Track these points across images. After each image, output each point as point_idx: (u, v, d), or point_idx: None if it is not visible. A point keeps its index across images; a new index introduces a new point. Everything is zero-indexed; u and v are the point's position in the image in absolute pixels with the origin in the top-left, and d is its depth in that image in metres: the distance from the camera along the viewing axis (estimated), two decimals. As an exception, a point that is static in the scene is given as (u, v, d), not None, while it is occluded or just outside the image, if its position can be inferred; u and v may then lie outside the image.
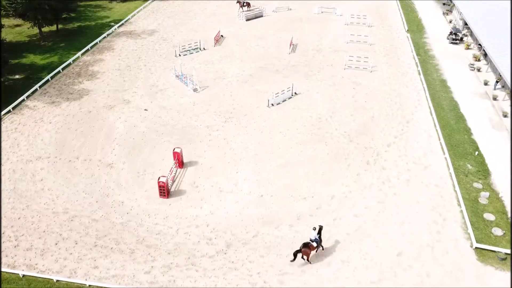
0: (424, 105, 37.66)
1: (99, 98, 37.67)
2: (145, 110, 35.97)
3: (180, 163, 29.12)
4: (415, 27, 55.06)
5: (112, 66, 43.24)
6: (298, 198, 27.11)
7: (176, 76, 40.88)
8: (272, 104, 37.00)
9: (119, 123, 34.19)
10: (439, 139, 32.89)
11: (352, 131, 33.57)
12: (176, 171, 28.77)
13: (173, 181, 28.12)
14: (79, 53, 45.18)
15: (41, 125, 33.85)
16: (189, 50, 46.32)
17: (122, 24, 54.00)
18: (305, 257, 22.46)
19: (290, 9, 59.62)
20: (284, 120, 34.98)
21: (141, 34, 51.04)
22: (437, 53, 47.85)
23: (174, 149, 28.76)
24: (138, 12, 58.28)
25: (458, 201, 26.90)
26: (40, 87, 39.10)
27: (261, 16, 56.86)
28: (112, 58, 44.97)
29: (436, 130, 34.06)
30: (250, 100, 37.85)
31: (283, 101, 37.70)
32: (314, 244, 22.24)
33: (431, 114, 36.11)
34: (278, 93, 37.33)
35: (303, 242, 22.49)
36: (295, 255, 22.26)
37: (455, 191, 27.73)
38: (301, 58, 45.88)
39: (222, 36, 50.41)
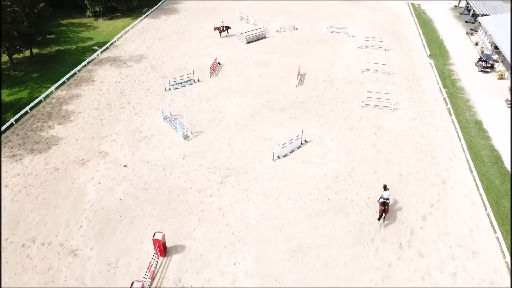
0: (460, 156, 31.33)
1: (70, 149, 31.37)
2: (125, 166, 29.67)
3: (162, 251, 22.82)
4: (437, 51, 48.72)
5: (90, 104, 36.93)
6: (314, 305, 20.84)
7: (164, 118, 34.58)
8: (278, 157, 30.71)
9: (91, 186, 27.86)
10: (486, 209, 26.58)
11: (378, 196, 27.22)
12: (156, 264, 22.45)
13: (152, 279, 21.81)
14: (53, 87, 38.88)
15: (-4, 189, 27.67)
16: (181, 83, 39.99)
17: (107, 48, 47.71)
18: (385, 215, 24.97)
19: (296, 29, 53.31)
20: (293, 180, 28.67)
21: (127, 61, 44.72)
22: (466, 85, 41.53)
23: (154, 235, 22.43)
24: (125, 32, 51.96)
25: (524, 310, 20.63)
26: (1, 133, 32.86)
27: (264, 37, 50.54)
28: (91, 93, 38.65)
29: (480, 194, 27.74)
30: (251, 150, 31.55)
31: (291, 152, 31.42)
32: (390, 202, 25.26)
33: (471, 171, 29.79)
34: (285, 143, 31.03)
35: (382, 202, 24.66)
36: (381, 215, 24.86)
37: (518, 293, 21.47)
38: (310, 92, 39.56)
39: (219, 63, 44.10)
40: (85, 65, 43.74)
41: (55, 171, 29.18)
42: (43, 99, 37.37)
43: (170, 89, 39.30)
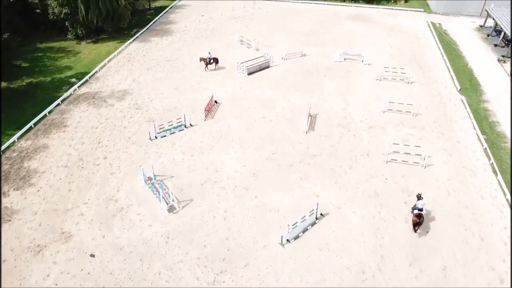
0: (516, 238, 24.84)
1: (25, 228, 24.92)
2: (92, 256, 23.23)
3: None
4: (467, 83, 42.22)
5: (58, 160, 30.51)
6: None
7: (146, 181, 28.15)
8: (288, 240, 24.24)
9: (44, 290, 21.47)
10: None
11: (419, 307, 20.75)
12: None
13: None
14: (16, 136, 32.48)
15: None
16: (169, 129, 33.59)
17: (86, 80, 41.33)
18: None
19: (303, 55, 46.87)
20: (307, 278, 22.19)
21: (108, 99, 38.31)
22: (507, 130, 35.03)
23: None
24: (109, 60, 45.56)
25: None
26: None
27: (268, 67, 44.11)
28: (60, 144, 32.24)
29: (552, 300, 21.25)
30: (253, 228, 25.11)
31: (304, 231, 24.95)
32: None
33: (534, 262, 23.29)
34: (296, 223, 24.54)
35: (417, 214, 24.18)
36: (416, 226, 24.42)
37: None
38: (323, 140, 33.10)
39: (216, 102, 37.67)
40: (58, 104, 37.34)
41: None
42: (1, 153, 30.97)
43: (156, 137, 32.90)
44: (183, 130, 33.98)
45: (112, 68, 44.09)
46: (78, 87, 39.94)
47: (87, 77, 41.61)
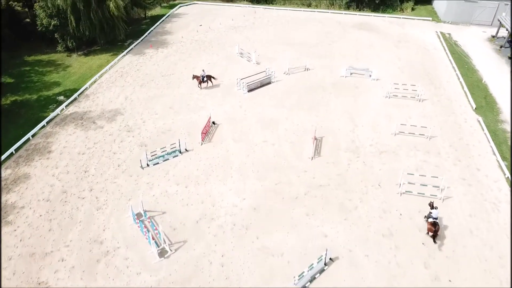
0: (551, 288, 22.05)
1: (-3, 277, 22.21)
2: (70, 313, 20.48)
3: None
4: (482, 100, 39.47)
5: (39, 192, 27.73)
6: None
7: (135, 219, 25.38)
8: (294, 292, 21.49)
9: None
10: None
11: None
12: None
13: None
14: (-6, 165, 29.80)
15: None
16: (162, 156, 30.83)
17: (75, 98, 38.60)
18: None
19: (307, 69, 44.13)
20: None
21: (98, 120, 35.55)
22: (530, 154, 32.31)
23: None
24: (101, 75, 42.82)
25: None
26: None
27: (269, 83, 41.36)
28: (43, 173, 29.46)
29: None
30: (254, 277, 22.34)
31: (311, 280, 22.17)
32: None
33: None
34: (303, 272, 21.76)
35: (432, 222, 23.93)
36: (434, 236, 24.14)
37: None
38: (330, 168, 30.33)
39: (213, 123, 34.92)
40: (43, 126, 34.60)
41: (-34, 323, 20.01)
42: (-23, 184, 28.27)
43: (148, 165, 30.14)
44: (177, 156, 31.23)
45: (103, 84, 41.33)
46: (66, 106, 37.18)
47: (76, 94, 38.86)
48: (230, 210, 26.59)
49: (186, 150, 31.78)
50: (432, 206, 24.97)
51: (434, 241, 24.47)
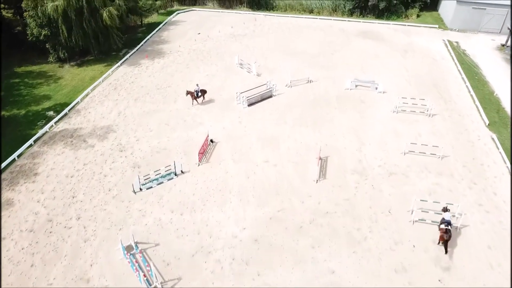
0: None
1: (-29, 323, 20.11)
2: None
3: None
4: (495, 115, 37.43)
5: (23, 221, 25.63)
6: None
7: (125, 252, 23.29)
8: None
9: None
10: None
11: None
12: None
13: None
14: (-24, 190, 27.71)
15: None
16: (156, 179, 28.75)
17: (66, 114, 36.54)
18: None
19: (310, 81, 42.10)
20: None
21: (88, 138, 33.48)
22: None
23: None
24: (93, 88, 40.77)
25: None
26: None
27: (270, 96, 39.31)
28: (27, 199, 27.37)
29: None
30: (255, 321, 20.25)
31: (318, 325, 20.11)
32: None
33: None
34: (309, 318, 19.71)
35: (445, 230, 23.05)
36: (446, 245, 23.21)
37: None
38: (336, 192, 28.25)
39: (211, 141, 32.87)
40: (31, 145, 32.54)
41: None
42: (-44, 212, 26.17)
43: (140, 189, 28.06)
44: (172, 178, 29.15)
45: (96, 98, 39.26)
46: (55, 123, 35.11)
47: (66, 109, 36.81)
48: (229, 242, 24.51)
49: (182, 171, 29.71)
50: (445, 209, 24.48)
51: (446, 251, 23.58)
